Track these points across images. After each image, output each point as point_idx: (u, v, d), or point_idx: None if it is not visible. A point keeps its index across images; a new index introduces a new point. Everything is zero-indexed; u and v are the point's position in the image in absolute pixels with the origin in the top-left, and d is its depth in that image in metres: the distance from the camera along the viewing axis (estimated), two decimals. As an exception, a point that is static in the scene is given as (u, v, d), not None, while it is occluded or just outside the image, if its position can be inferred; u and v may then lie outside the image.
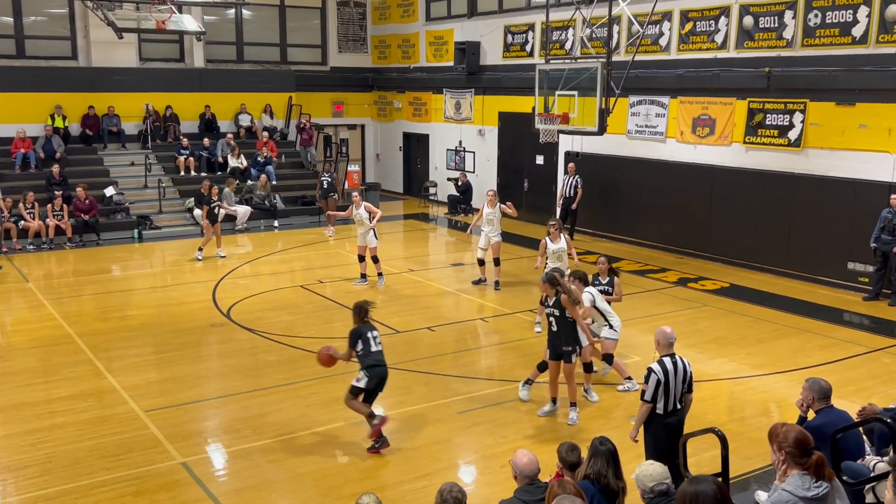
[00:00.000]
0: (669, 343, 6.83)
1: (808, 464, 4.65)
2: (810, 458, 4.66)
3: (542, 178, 20.97)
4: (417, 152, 26.01)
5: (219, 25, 24.43)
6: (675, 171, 17.18)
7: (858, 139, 14.02)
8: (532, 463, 5.32)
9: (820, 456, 4.70)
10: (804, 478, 4.63)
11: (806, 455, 4.67)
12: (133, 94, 22.05)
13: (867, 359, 10.96)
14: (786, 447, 4.71)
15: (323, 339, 11.65)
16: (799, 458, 4.67)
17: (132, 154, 21.67)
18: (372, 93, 27.43)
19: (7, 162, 19.80)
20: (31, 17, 22.00)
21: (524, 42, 21.04)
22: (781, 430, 4.81)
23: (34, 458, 7.91)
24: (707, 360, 10.79)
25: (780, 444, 4.75)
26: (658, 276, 15.56)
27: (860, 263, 14.11)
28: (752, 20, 15.46)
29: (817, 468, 4.65)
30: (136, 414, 8.98)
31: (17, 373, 10.29)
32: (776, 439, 4.79)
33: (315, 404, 9.27)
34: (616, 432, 7.79)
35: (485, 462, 7.98)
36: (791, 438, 4.72)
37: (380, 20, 26.83)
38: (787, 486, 4.65)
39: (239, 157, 21.95)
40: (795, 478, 4.65)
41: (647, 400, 6.65)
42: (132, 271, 16.41)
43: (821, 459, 4.68)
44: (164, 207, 20.34)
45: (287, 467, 7.76)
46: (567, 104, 14.98)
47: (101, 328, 12.25)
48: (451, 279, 15.31)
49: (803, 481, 4.61)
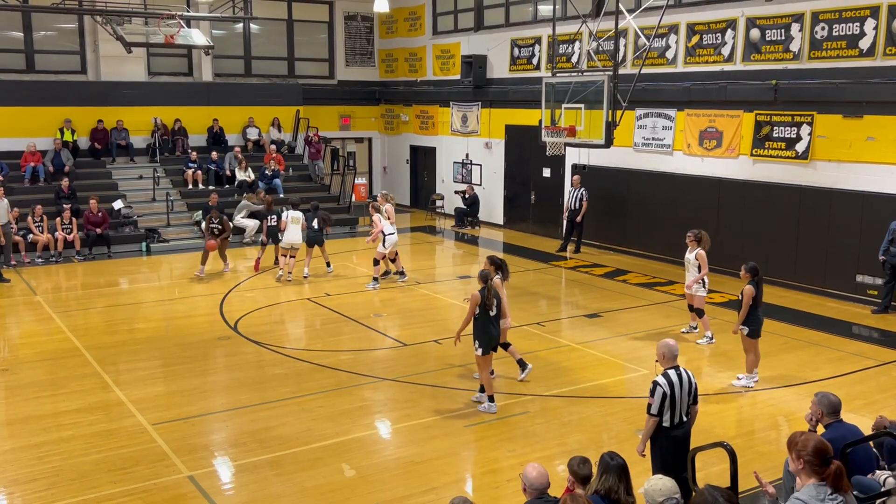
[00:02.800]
0: (674, 356, 6.81)
1: (827, 474, 4.60)
2: (829, 468, 4.60)
3: (548, 191, 20.98)
4: (424, 165, 26.06)
5: (227, 40, 24.58)
6: (682, 184, 17.16)
7: (866, 151, 13.99)
8: (542, 476, 5.31)
9: (838, 466, 4.64)
10: (820, 488, 4.57)
11: (824, 465, 4.61)
12: (142, 107, 22.19)
13: (877, 372, 10.89)
14: (804, 455, 4.65)
15: (330, 353, 11.67)
16: (817, 468, 4.61)
17: (140, 167, 21.78)
18: (379, 106, 27.53)
19: (17, 175, 19.91)
20: (41, 32, 22.17)
21: (531, 55, 21.10)
22: (801, 439, 4.75)
23: (41, 471, 7.91)
24: (715, 374, 10.74)
25: (798, 453, 4.69)
26: (665, 288, 15.51)
27: (869, 276, 14.05)
28: (758, 33, 15.47)
29: (835, 479, 4.59)
30: (144, 427, 8.98)
31: (24, 386, 10.31)
32: (795, 447, 4.73)
33: (321, 418, 9.25)
34: (623, 446, 7.76)
35: (492, 476, 7.94)
36: (810, 447, 4.66)
37: (387, 34, 26.96)
38: (801, 495, 4.60)
39: (247, 171, 22.03)
40: (811, 488, 4.60)
41: (654, 413, 6.61)
42: (140, 284, 16.44)
43: (839, 470, 4.62)
44: (172, 220, 20.42)
45: (294, 481, 7.74)
46: (574, 117, 15.00)
47: (109, 341, 12.27)
48: (458, 292, 15.29)
49: (818, 492, 4.56)
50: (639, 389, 10.15)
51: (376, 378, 10.65)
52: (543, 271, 17.21)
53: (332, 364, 11.15)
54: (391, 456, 8.40)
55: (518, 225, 22.16)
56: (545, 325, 13.08)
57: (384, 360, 11.50)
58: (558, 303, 15.35)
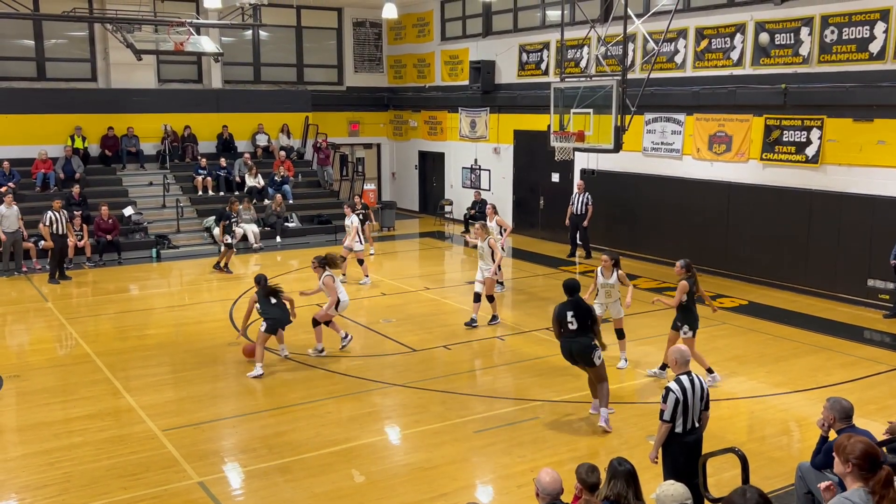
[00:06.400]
0: (686, 361, 6.78)
1: (876, 479, 4.49)
2: (878, 474, 4.50)
3: (557, 196, 20.95)
4: (433, 171, 26.08)
5: (236, 47, 24.68)
6: (691, 188, 17.12)
7: (876, 155, 13.92)
8: (555, 482, 5.31)
9: (889, 472, 4.52)
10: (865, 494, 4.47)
11: (873, 469, 4.51)
12: (152, 114, 22.30)
13: (889, 377, 10.83)
14: (853, 459, 4.53)
15: (339, 358, 11.67)
16: (866, 472, 4.49)
17: (150, 174, 21.87)
18: (388, 112, 27.58)
19: (28, 182, 20.02)
20: (51, 40, 22.32)
21: (539, 60, 21.10)
22: (849, 443, 4.64)
23: (52, 477, 7.94)
24: (726, 379, 10.70)
25: (846, 457, 4.58)
26: (675, 293, 15.40)
27: (880, 280, 13.98)
28: (767, 37, 15.43)
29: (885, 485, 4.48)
30: (154, 433, 9.00)
31: (35, 392, 10.35)
32: (843, 451, 4.61)
33: (331, 423, 9.26)
34: (633, 451, 7.73)
35: (502, 482, 7.92)
36: (858, 450, 4.53)
37: (395, 40, 27.02)
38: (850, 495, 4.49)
39: (256, 177, 22.11)
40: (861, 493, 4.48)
41: (667, 420, 6.58)
42: (150, 290, 16.50)
43: (889, 476, 4.50)
44: (182, 227, 20.49)
45: (303, 487, 7.74)
46: (582, 122, 14.98)
47: (119, 347, 12.31)
48: (467, 297, 15.27)
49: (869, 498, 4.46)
50: (648, 394, 10.13)
51: (385, 384, 10.65)
52: (552, 276, 17.17)
53: (342, 370, 11.16)
54: (401, 462, 8.40)
55: (527, 230, 22.13)
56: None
57: (393, 365, 11.50)
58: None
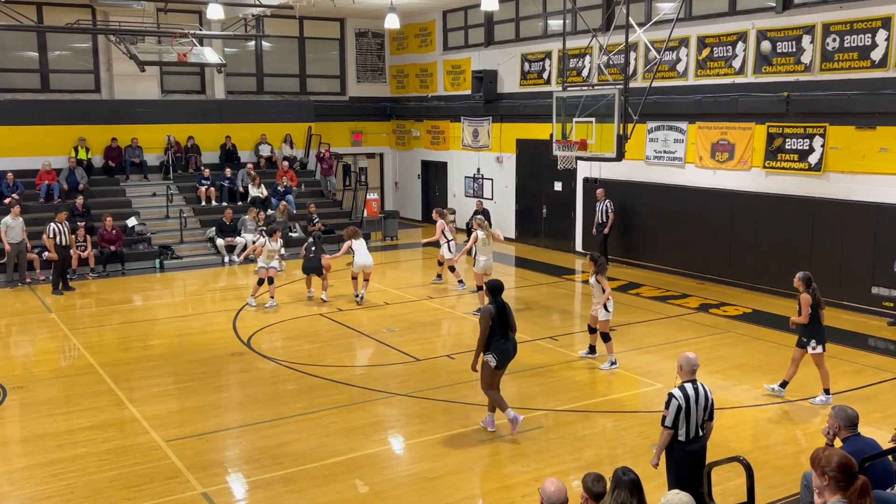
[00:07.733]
0: (692, 369, 6.76)
1: (852, 490, 4.48)
2: (854, 484, 4.49)
3: (560, 205, 20.97)
4: (436, 180, 26.11)
5: (239, 57, 24.78)
6: (694, 197, 17.12)
7: (879, 163, 13.92)
8: (560, 492, 5.28)
9: (864, 481, 4.52)
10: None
11: (850, 480, 4.50)
12: (155, 125, 22.35)
13: (894, 385, 10.79)
14: (829, 471, 4.53)
15: (343, 368, 11.66)
16: (843, 483, 4.49)
17: (154, 185, 21.91)
18: (390, 122, 27.64)
19: (32, 194, 20.07)
20: (55, 52, 22.42)
21: (541, 70, 21.15)
22: (824, 455, 4.63)
23: (56, 488, 7.93)
24: (730, 387, 10.67)
25: (822, 469, 4.57)
26: (679, 301, 15.44)
27: (884, 288, 13.95)
28: (769, 45, 15.46)
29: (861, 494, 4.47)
30: (157, 444, 8.99)
31: (39, 403, 10.35)
32: (819, 464, 4.60)
33: (335, 433, 9.24)
34: (638, 461, 7.71)
35: (506, 492, 7.89)
36: (834, 462, 4.53)
37: (398, 50, 27.10)
38: None
39: (259, 187, 22.14)
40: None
41: (668, 426, 6.57)
42: (153, 301, 16.52)
43: (865, 485, 4.50)
44: (186, 237, 20.52)
45: (307, 497, 7.72)
46: (585, 131, 15.00)
47: (123, 358, 12.32)
48: (470, 306, 15.28)
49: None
50: (653, 404, 10.09)
51: (389, 393, 10.64)
52: (556, 285, 17.17)
53: (345, 380, 11.15)
54: (404, 472, 8.38)
55: (530, 239, 22.14)
56: (558, 340, 13.04)
57: (397, 375, 11.48)
58: (571, 317, 15.29)
